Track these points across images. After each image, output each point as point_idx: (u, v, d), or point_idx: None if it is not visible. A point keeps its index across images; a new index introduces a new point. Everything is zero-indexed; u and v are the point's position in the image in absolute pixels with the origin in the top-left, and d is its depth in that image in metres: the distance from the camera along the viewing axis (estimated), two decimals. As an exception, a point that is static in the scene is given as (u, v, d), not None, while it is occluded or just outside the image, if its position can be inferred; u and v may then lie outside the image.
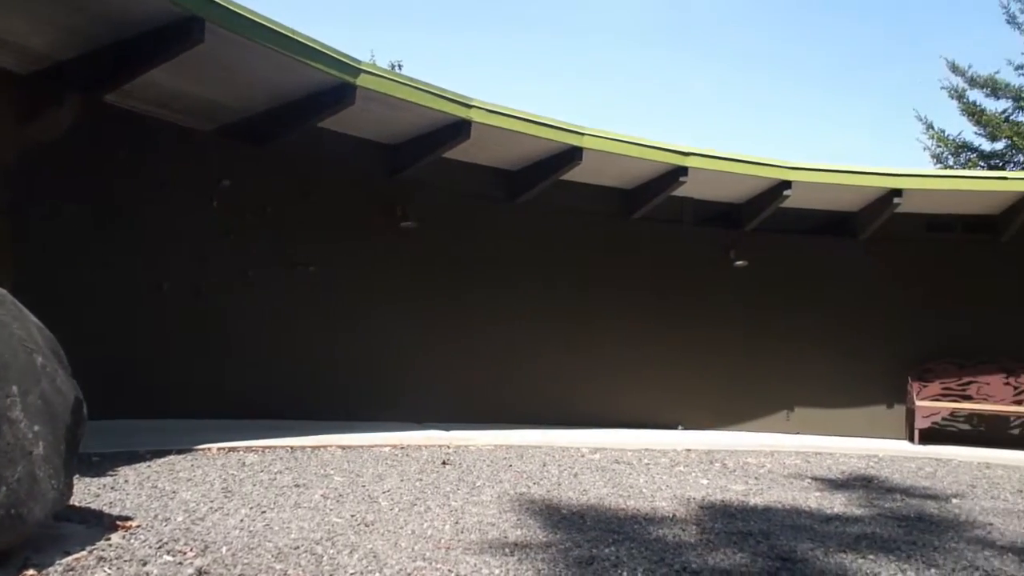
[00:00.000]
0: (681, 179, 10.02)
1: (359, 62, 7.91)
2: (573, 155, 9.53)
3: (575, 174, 10.05)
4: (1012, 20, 24.86)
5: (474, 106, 8.70)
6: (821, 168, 10.34)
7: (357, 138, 9.43)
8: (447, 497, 5.53)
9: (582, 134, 9.36)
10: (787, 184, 10.28)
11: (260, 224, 9.03)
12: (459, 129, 8.88)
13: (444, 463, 6.96)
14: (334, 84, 7.91)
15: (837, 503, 6.17)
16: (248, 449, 6.85)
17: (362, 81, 7.91)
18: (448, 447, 7.86)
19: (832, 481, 7.27)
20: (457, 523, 4.78)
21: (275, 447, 7.06)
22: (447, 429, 8.89)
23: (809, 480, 7.26)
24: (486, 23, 53.37)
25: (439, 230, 10.08)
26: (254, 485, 5.49)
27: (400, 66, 26.60)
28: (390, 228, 9.73)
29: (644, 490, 6.28)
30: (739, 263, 11.16)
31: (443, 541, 4.35)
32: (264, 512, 4.74)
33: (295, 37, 7.27)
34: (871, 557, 4.46)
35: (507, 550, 4.23)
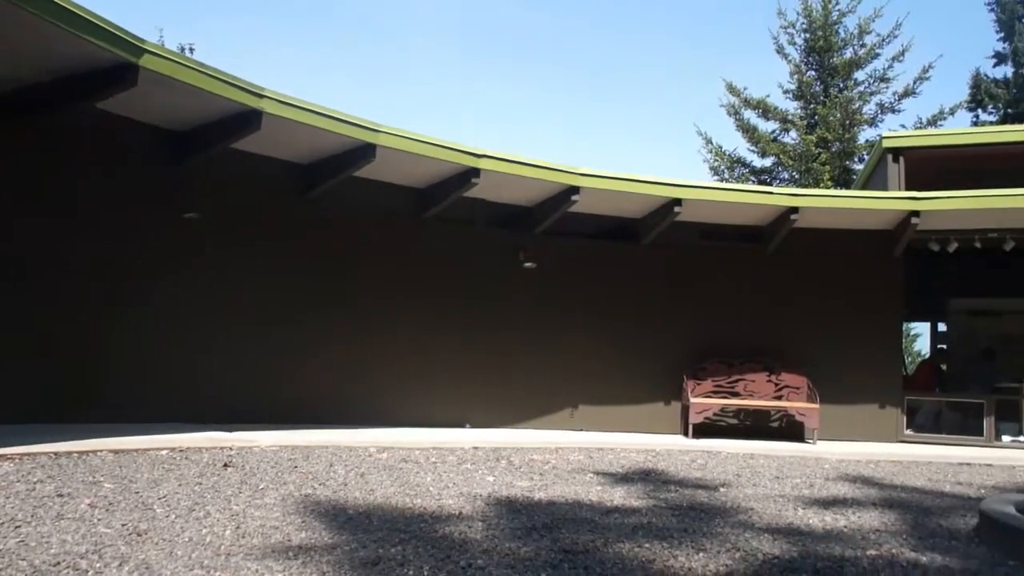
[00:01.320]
0: (473, 180, 10.15)
1: (143, 41, 7.41)
2: (367, 151, 9.42)
3: (370, 171, 9.94)
4: (780, 50, 27.20)
5: (266, 96, 8.41)
6: (608, 175, 10.81)
7: (139, 122, 8.85)
8: (228, 501, 5.32)
9: (376, 131, 9.28)
10: (576, 189, 10.67)
11: (24, 209, 8.29)
12: (250, 119, 8.53)
13: (226, 465, 6.69)
14: (114, 63, 7.35)
15: (617, 496, 6.45)
16: (2, 457, 6.27)
17: (145, 62, 7.42)
18: (231, 448, 7.56)
19: (613, 475, 7.60)
20: (238, 528, 4.60)
21: (35, 454, 6.49)
22: (230, 430, 8.54)
23: (592, 475, 7.55)
24: (284, 15, 51.86)
25: (226, 223, 9.66)
26: (8, 497, 5.02)
27: (192, 49, 25.31)
28: (172, 219, 9.22)
29: (431, 488, 6.31)
30: (528, 265, 11.47)
31: (223, 547, 4.17)
32: (19, 527, 4.34)
33: (66, 6, 6.65)
34: (647, 545, 4.70)
35: (291, 553, 4.12)
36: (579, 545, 4.62)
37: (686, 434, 11.54)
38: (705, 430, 11.58)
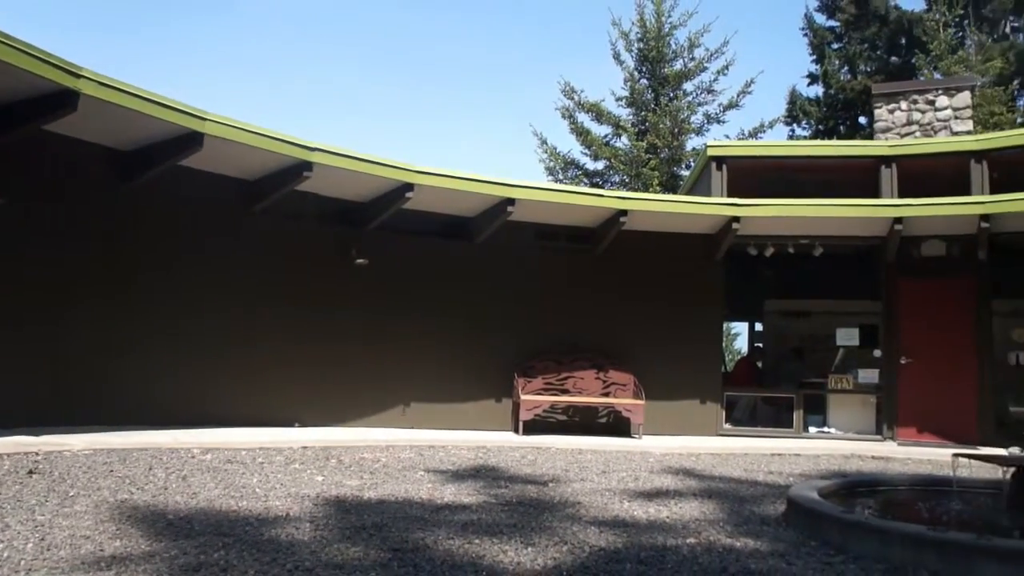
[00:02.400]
0: (305, 174, 9.89)
1: (-63, 11, 6.79)
2: (193, 140, 8.99)
3: (197, 161, 9.51)
4: (616, 57, 28.10)
5: (84, 76, 7.85)
6: (443, 173, 10.79)
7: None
8: (32, 511, 4.95)
9: (204, 119, 8.87)
10: (410, 186, 10.60)
11: None
12: (65, 100, 7.93)
13: (31, 472, 6.23)
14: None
15: (448, 493, 6.47)
16: None
17: (-60, 33, 6.80)
18: (37, 453, 7.05)
19: (444, 472, 7.61)
20: (43, 540, 4.29)
21: None
22: (37, 433, 7.95)
23: (422, 472, 7.53)
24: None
25: (39, 211, 8.97)
26: None
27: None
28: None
29: (257, 490, 6.12)
30: (360, 261, 11.30)
31: (23, 562, 3.88)
32: None
33: None
34: (476, 541, 4.73)
35: (103, 564, 3.88)
36: (409, 543, 4.59)
37: (517, 431, 11.69)
38: (535, 427, 11.78)
